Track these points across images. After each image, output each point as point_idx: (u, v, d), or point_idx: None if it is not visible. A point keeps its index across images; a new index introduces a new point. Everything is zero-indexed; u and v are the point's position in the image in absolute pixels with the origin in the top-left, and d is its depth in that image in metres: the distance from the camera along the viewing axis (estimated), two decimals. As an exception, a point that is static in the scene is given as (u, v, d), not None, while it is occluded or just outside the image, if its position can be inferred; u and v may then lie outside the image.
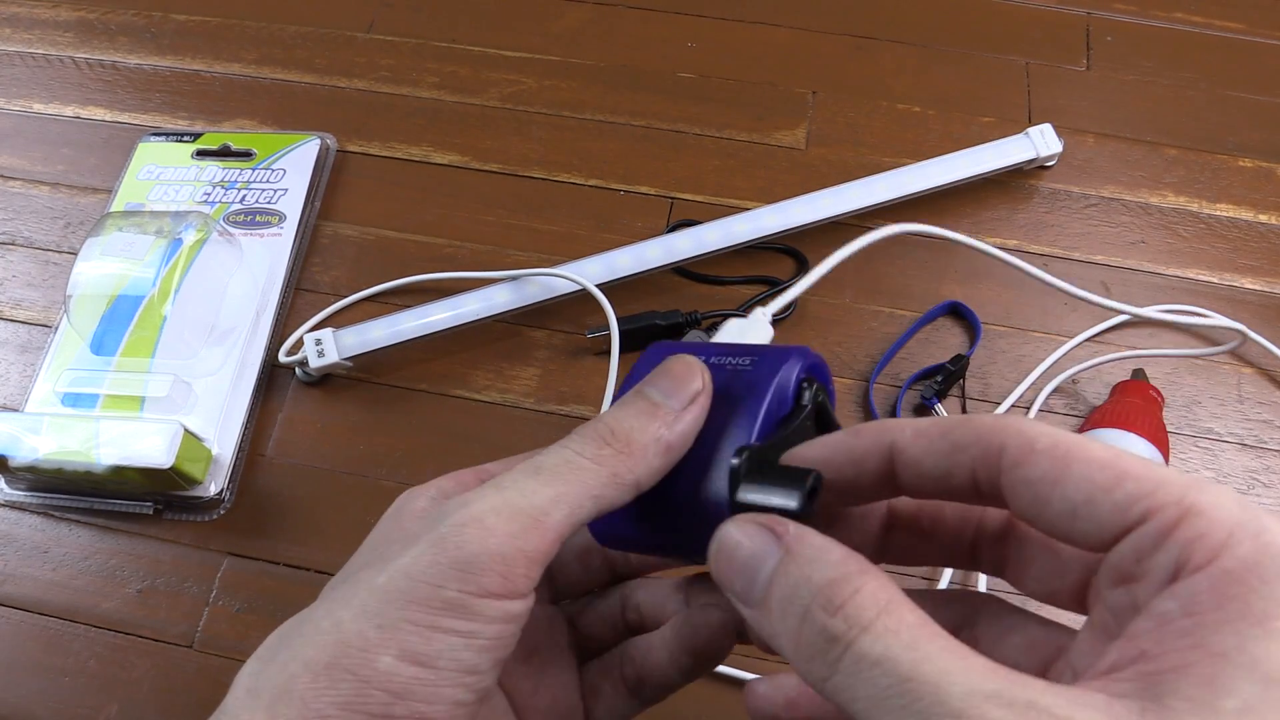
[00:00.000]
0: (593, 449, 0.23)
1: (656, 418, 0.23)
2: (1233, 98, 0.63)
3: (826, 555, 0.19)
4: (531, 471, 0.22)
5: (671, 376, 0.24)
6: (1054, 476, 0.18)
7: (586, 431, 0.23)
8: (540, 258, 0.57)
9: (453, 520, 0.21)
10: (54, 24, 0.68)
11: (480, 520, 0.21)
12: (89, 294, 0.53)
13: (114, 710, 0.46)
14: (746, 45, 0.65)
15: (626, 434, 0.23)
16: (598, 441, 0.23)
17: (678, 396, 0.24)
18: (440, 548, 0.21)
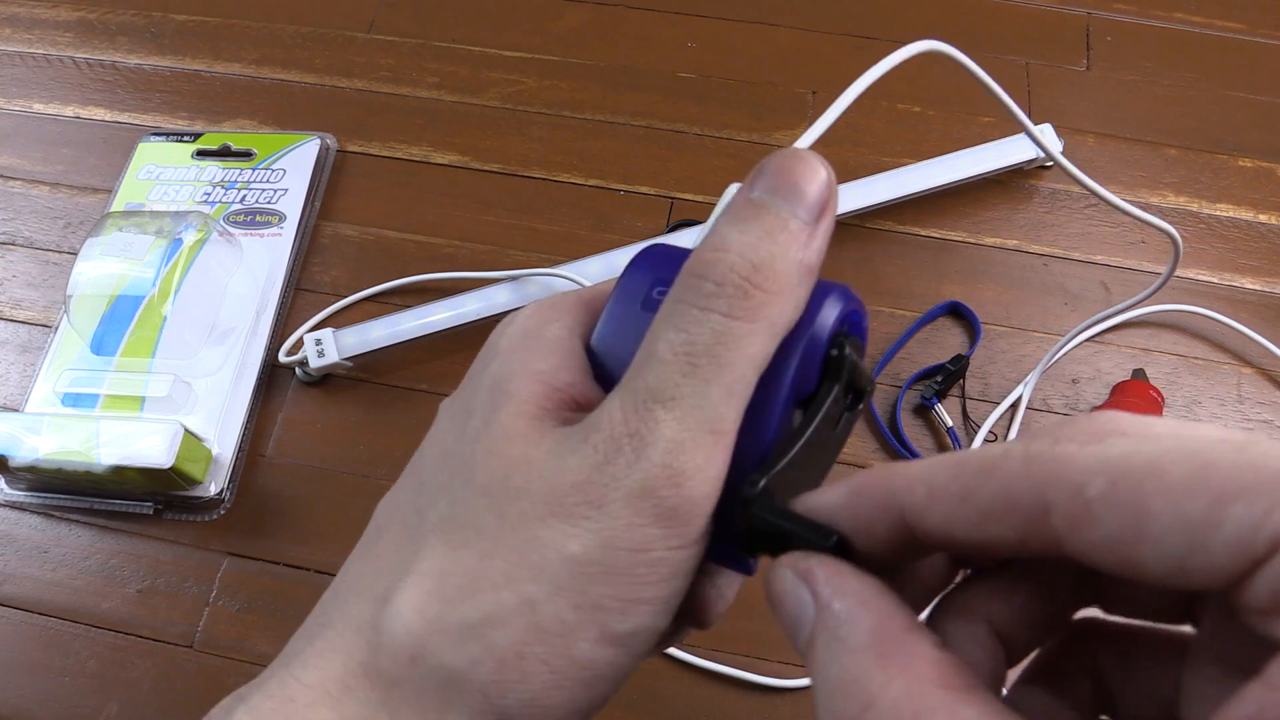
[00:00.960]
0: (742, 304, 0.18)
1: (792, 235, 0.19)
2: (1233, 98, 0.63)
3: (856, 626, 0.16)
4: (686, 361, 0.18)
5: (791, 176, 0.19)
6: (1131, 535, 0.13)
7: (721, 275, 0.18)
8: (540, 258, 0.57)
9: (641, 469, 0.18)
10: (54, 24, 0.68)
11: (668, 466, 0.18)
12: (89, 294, 0.53)
13: (114, 710, 0.46)
14: (746, 45, 0.65)
15: (770, 266, 0.18)
16: (743, 289, 0.18)
17: (806, 205, 0.19)
18: (638, 509, 0.18)
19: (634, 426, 0.18)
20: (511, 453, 0.19)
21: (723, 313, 0.18)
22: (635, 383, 0.19)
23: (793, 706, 0.45)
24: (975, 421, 0.52)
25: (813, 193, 0.19)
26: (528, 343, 0.21)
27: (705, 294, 0.18)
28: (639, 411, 0.18)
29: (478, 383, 0.21)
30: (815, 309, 0.20)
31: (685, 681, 0.46)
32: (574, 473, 0.18)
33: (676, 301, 0.19)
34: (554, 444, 0.19)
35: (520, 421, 0.20)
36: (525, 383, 0.20)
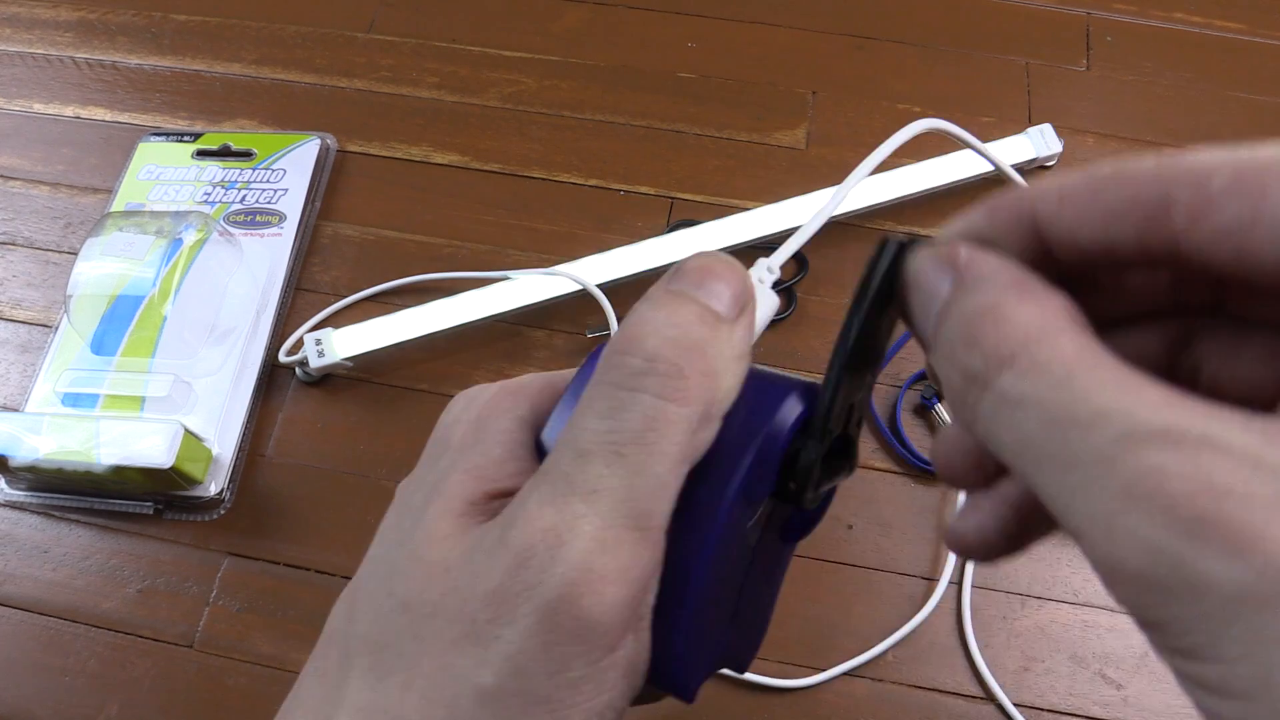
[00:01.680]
0: (674, 385, 0.17)
1: (719, 322, 0.18)
2: (1233, 98, 0.63)
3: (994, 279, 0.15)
4: (611, 451, 0.16)
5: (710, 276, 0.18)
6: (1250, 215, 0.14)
7: (651, 352, 0.17)
8: (540, 258, 0.57)
9: (557, 574, 0.16)
10: (54, 24, 0.68)
11: (589, 569, 0.16)
12: (89, 294, 0.53)
13: (114, 710, 0.46)
14: (746, 45, 0.65)
15: (699, 349, 0.17)
16: (675, 372, 0.17)
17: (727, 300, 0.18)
18: (554, 624, 0.16)
19: (550, 522, 0.16)
20: (431, 557, 0.18)
21: (654, 393, 0.17)
22: (554, 473, 0.17)
23: (793, 706, 0.45)
24: (975, 421, 0.51)
25: (734, 287, 0.18)
26: (477, 435, 0.19)
27: (633, 372, 0.17)
28: (556, 505, 0.16)
29: (423, 475, 0.20)
30: (775, 406, 0.19)
31: (685, 681, 0.46)
32: (486, 579, 0.17)
33: (599, 384, 0.17)
34: (472, 544, 0.17)
35: (444, 521, 0.18)
36: (459, 479, 0.19)
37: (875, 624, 0.47)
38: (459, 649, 0.17)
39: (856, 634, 0.47)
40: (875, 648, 0.46)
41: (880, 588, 0.48)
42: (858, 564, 0.48)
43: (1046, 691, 0.45)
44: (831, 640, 0.47)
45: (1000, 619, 0.47)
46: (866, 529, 0.49)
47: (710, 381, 0.17)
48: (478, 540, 0.17)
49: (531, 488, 0.17)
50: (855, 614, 0.47)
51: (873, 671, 0.46)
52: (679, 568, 0.18)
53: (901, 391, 0.52)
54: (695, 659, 0.19)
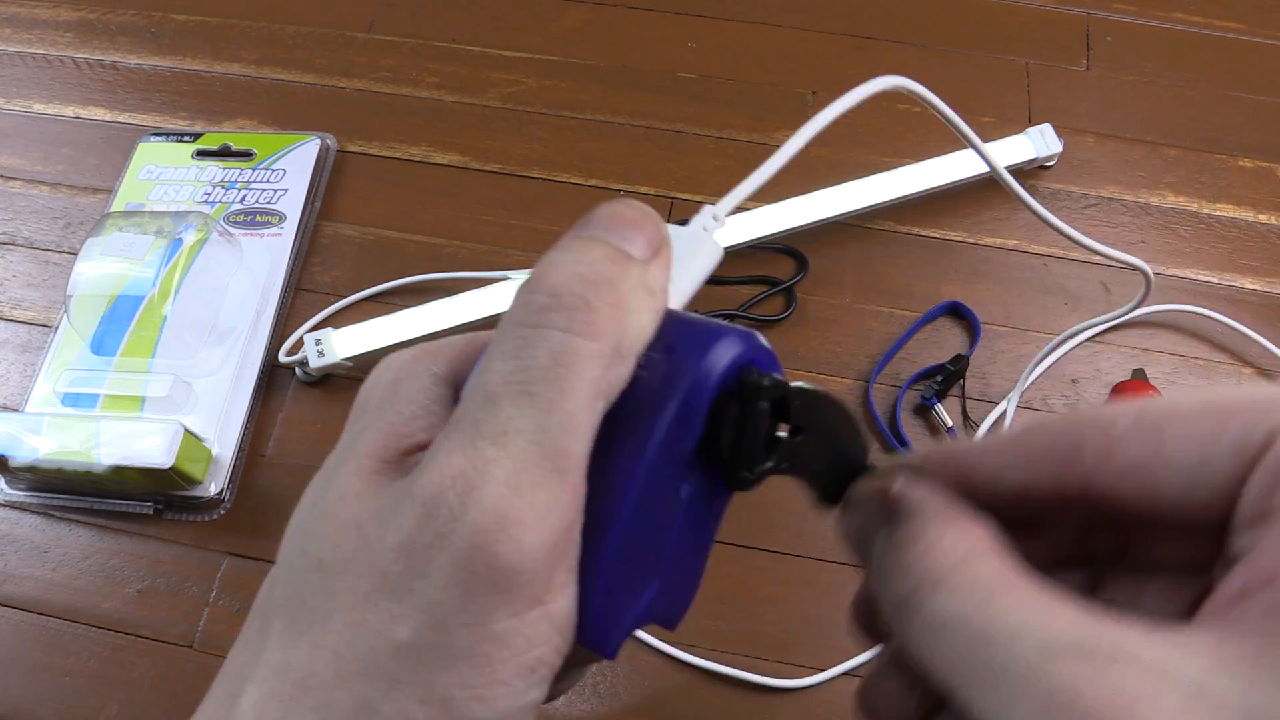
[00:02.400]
0: (581, 318, 0.16)
1: (629, 260, 0.17)
2: (1233, 98, 0.63)
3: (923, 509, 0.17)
4: (519, 391, 0.16)
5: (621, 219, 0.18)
6: (1150, 452, 0.16)
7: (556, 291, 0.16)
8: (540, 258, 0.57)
9: (469, 521, 0.15)
10: (54, 24, 0.68)
11: (502, 514, 0.15)
12: (89, 294, 0.53)
13: (114, 710, 0.46)
14: (746, 45, 0.65)
15: (608, 283, 0.17)
16: (582, 305, 0.16)
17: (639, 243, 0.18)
18: (470, 572, 0.15)
19: (459, 468, 0.16)
20: (343, 515, 0.17)
21: (560, 328, 0.16)
22: (463, 420, 0.16)
23: (793, 706, 0.45)
24: (975, 421, 0.52)
25: (647, 231, 0.18)
26: (392, 396, 0.19)
27: (538, 308, 0.16)
28: (465, 451, 0.16)
29: (341, 439, 0.19)
30: (705, 349, 0.17)
31: (685, 682, 0.46)
32: (396, 531, 0.16)
33: (506, 324, 0.17)
34: (384, 501, 0.17)
35: (356, 479, 0.17)
36: (370, 437, 0.18)
37: (875, 624, 0.47)
38: (371, 603, 0.16)
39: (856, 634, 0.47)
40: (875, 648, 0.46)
41: (880, 588, 0.48)
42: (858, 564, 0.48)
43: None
44: (831, 640, 0.47)
45: (1000, 619, 0.47)
46: (866, 529, 0.49)
47: (619, 315, 0.16)
48: (389, 494, 0.17)
49: (443, 437, 0.17)
50: (855, 614, 0.47)
51: (873, 671, 0.46)
52: (597, 517, 0.17)
53: (901, 391, 0.52)
54: (616, 614, 0.18)
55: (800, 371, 0.53)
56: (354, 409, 0.20)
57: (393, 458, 0.18)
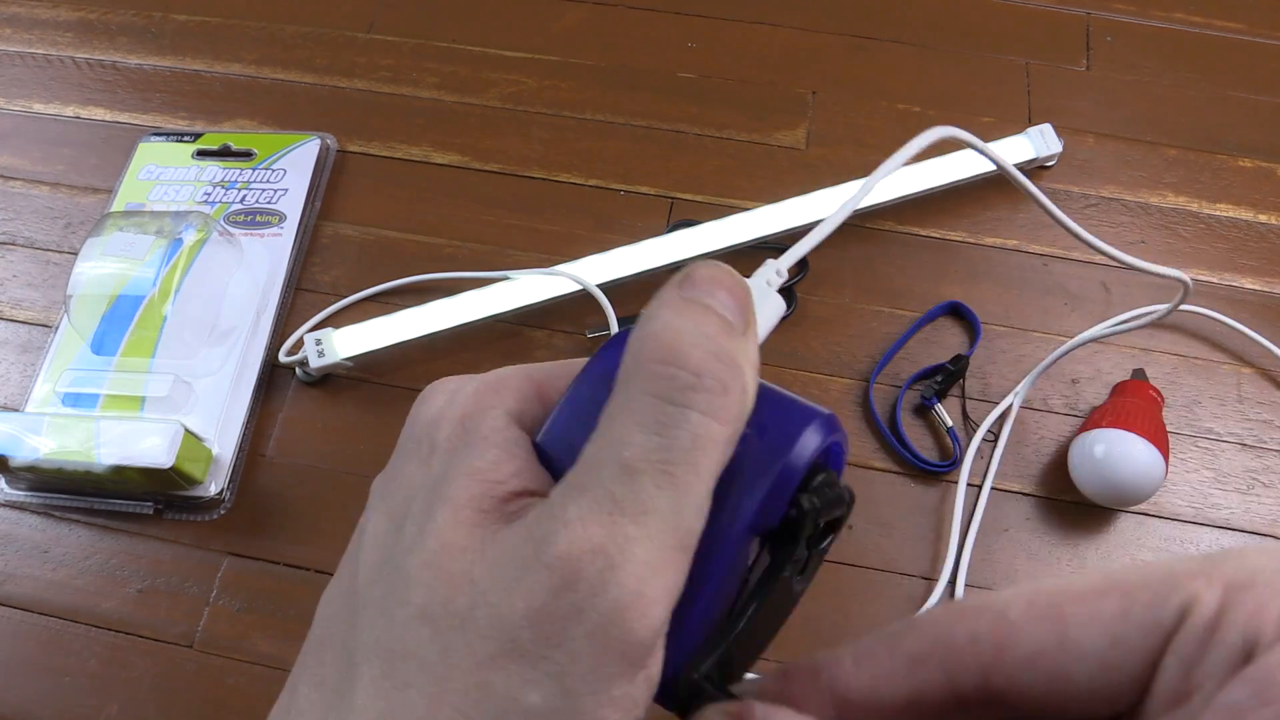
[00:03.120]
0: (720, 401, 0.16)
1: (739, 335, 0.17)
2: (1233, 98, 0.63)
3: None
4: (661, 471, 0.16)
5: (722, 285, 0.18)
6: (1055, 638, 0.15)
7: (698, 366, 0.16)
8: (540, 258, 0.57)
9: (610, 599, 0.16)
10: (54, 24, 0.68)
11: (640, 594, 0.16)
12: (89, 294, 0.53)
13: (114, 710, 0.46)
14: (746, 45, 0.65)
15: (734, 363, 0.17)
16: (721, 389, 0.16)
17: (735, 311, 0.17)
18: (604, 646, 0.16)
19: (599, 542, 0.16)
20: (451, 568, 0.17)
21: (702, 410, 0.16)
22: (597, 490, 0.16)
23: (793, 706, 0.45)
24: (975, 421, 0.52)
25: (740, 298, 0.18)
26: (467, 436, 0.19)
27: (681, 386, 0.16)
28: (603, 524, 0.16)
29: (414, 477, 0.19)
30: (795, 433, 0.18)
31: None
32: (526, 598, 0.16)
33: (640, 394, 0.16)
34: (498, 557, 0.17)
35: (459, 530, 0.17)
36: (463, 484, 0.18)
37: (875, 624, 0.47)
38: (499, 666, 0.16)
39: (856, 634, 0.46)
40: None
41: (880, 588, 0.48)
42: (858, 564, 0.48)
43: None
44: (831, 640, 0.47)
45: (1000, 619, 0.47)
46: (866, 529, 0.49)
47: (746, 399, 0.17)
48: (504, 552, 0.17)
49: (567, 499, 0.16)
50: (855, 614, 0.47)
51: (873, 671, 0.46)
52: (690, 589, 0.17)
53: (901, 391, 0.52)
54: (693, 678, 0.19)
55: (800, 371, 0.53)
56: (413, 440, 0.20)
57: (491, 506, 0.18)
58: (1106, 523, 0.49)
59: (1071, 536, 0.49)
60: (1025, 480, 0.50)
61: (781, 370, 0.53)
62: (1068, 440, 0.50)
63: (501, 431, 0.19)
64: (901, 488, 0.50)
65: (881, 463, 0.51)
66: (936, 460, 0.51)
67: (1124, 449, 0.46)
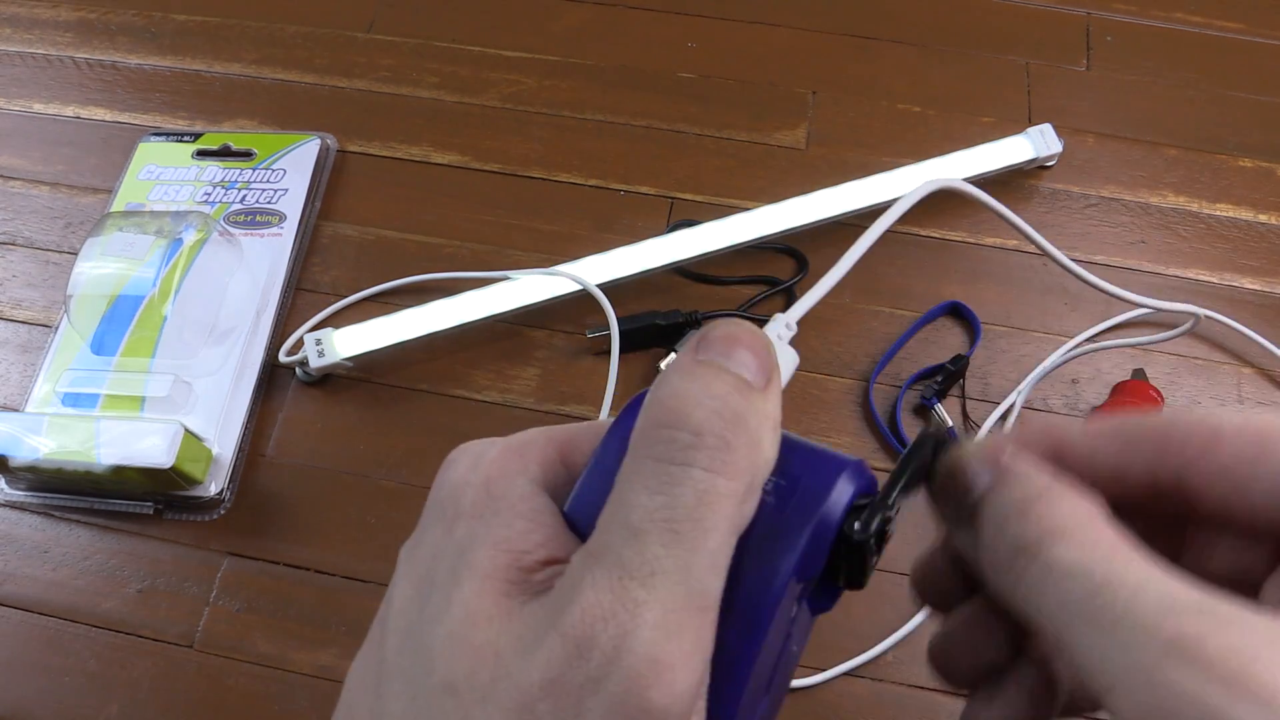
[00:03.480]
0: (722, 458, 0.17)
1: (753, 391, 0.18)
2: (1233, 98, 0.63)
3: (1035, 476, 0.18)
4: (667, 530, 0.16)
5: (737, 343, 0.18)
6: (1252, 455, 0.17)
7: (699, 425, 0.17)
8: (540, 258, 0.57)
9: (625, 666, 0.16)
10: (54, 24, 0.68)
11: (655, 660, 0.16)
12: (89, 294, 0.53)
13: (114, 710, 0.46)
14: (746, 45, 0.65)
15: (741, 421, 0.17)
16: (724, 446, 0.17)
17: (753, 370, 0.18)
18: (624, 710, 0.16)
19: (610, 609, 0.16)
20: (475, 640, 0.17)
21: (704, 468, 0.16)
22: (607, 556, 0.16)
23: (793, 706, 0.45)
24: (975, 421, 0.52)
25: (760, 356, 0.18)
26: (493, 503, 0.19)
27: (682, 446, 0.17)
28: (614, 592, 0.16)
29: (440, 545, 0.19)
30: (827, 485, 0.18)
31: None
32: (543, 668, 0.16)
33: (643, 458, 0.17)
34: (521, 629, 0.17)
35: (485, 600, 0.17)
36: (489, 554, 0.18)
37: (875, 624, 0.47)
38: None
39: (856, 634, 0.47)
40: (875, 648, 0.46)
41: (880, 588, 0.48)
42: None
43: (1046, 691, 0.45)
44: (831, 640, 0.47)
45: (1000, 619, 0.47)
46: (866, 529, 0.49)
47: (754, 453, 0.17)
48: (527, 623, 0.17)
49: (584, 569, 0.17)
50: (855, 614, 0.47)
51: (873, 671, 0.46)
52: (732, 648, 0.17)
53: (901, 391, 0.52)
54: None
55: (800, 371, 0.53)
56: (437, 504, 0.20)
57: (517, 577, 0.18)
58: (1106, 523, 0.49)
59: (1071, 536, 0.49)
60: (1025, 480, 0.50)
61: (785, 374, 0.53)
62: (1068, 440, 0.50)
63: (528, 500, 0.19)
64: (901, 488, 0.50)
65: (882, 463, 0.51)
66: (936, 460, 0.51)
67: None
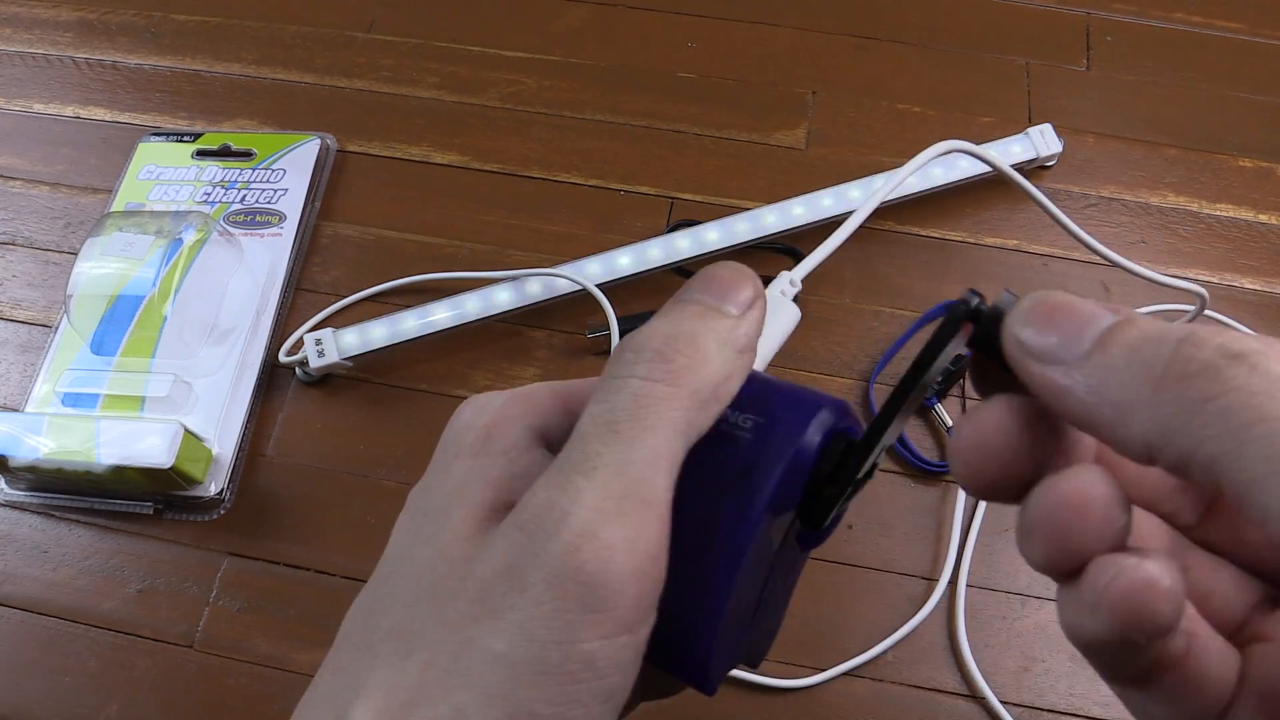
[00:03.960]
0: (660, 368, 0.18)
1: (716, 316, 0.19)
2: (1233, 98, 0.63)
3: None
4: (606, 429, 0.18)
5: (719, 281, 0.20)
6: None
7: (639, 348, 0.18)
8: (540, 258, 0.57)
9: (562, 540, 0.17)
10: (54, 24, 0.68)
11: (592, 535, 0.17)
12: (89, 294, 0.53)
13: (114, 710, 0.46)
14: (746, 45, 0.65)
15: (690, 338, 0.18)
16: (660, 356, 0.18)
17: (732, 300, 0.19)
18: (559, 587, 0.17)
19: (555, 499, 0.17)
20: (455, 554, 0.19)
21: (640, 376, 0.18)
22: (560, 461, 0.18)
23: (793, 706, 0.45)
24: (975, 421, 0.52)
25: (740, 290, 0.20)
26: (489, 445, 0.21)
27: (624, 362, 0.18)
28: (560, 486, 0.18)
29: (439, 482, 0.21)
30: (806, 420, 0.19)
31: (685, 681, 0.46)
32: (500, 558, 0.18)
33: (599, 379, 0.19)
34: (490, 538, 0.18)
35: (467, 525, 0.19)
36: (478, 489, 0.20)
37: (875, 624, 0.47)
38: (476, 622, 0.17)
39: (856, 634, 0.47)
40: (875, 648, 0.46)
41: (880, 588, 0.48)
42: (858, 564, 0.48)
43: (1046, 691, 0.45)
44: (831, 640, 0.47)
45: (1000, 619, 0.47)
46: (866, 529, 0.49)
47: (699, 364, 0.18)
48: (494, 533, 0.18)
49: (542, 478, 0.18)
50: (855, 614, 0.47)
51: (873, 671, 0.46)
52: (707, 569, 0.18)
53: (901, 391, 0.52)
54: (722, 656, 0.20)
55: (800, 371, 0.53)
56: (443, 446, 0.21)
57: (501, 507, 0.19)
58: (1106, 523, 0.49)
59: (1071, 536, 0.49)
60: (1025, 480, 0.50)
61: (782, 370, 0.53)
62: (1068, 440, 0.50)
63: (521, 444, 0.20)
64: (902, 488, 0.50)
65: (881, 462, 0.51)
66: (937, 460, 0.51)
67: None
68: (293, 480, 0.51)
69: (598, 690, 0.17)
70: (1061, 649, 0.46)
